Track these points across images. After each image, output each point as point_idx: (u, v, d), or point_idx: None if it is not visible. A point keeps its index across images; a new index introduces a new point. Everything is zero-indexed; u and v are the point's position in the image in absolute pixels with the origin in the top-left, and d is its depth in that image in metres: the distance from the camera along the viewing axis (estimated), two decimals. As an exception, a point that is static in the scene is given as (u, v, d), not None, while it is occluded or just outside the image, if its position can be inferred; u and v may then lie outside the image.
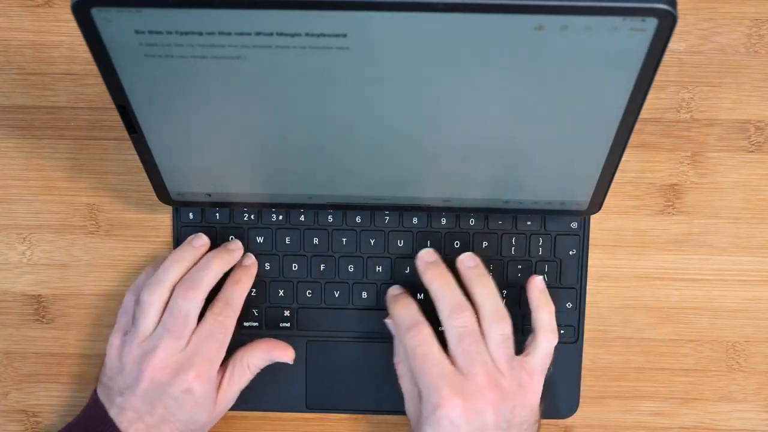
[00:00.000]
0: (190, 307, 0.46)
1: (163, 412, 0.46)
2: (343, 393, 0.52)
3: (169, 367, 0.46)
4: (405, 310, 0.48)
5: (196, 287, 0.47)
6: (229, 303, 0.48)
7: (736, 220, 0.52)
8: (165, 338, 0.46)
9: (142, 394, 0.46)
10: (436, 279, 0.47)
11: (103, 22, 0.33)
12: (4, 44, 0.51)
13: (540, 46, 0.33)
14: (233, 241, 0.50)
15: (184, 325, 0.46)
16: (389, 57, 0.34)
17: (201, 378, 0.46)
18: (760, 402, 0.53)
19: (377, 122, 0.39)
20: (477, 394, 0.44)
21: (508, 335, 0.46)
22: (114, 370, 0.47)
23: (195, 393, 0.46)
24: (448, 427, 0.44)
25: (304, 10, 0.32)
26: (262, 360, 0.50)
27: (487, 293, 0.47)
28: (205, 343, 0.46)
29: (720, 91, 0.51)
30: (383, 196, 0.47)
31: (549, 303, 0.48)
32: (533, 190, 0.46)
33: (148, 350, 0.46)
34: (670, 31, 0.32)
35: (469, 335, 0.45)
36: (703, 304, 0.52)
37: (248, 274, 0.50)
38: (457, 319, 0.45)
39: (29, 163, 0.52)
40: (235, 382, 0.49)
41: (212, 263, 0.48)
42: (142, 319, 0.47)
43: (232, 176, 0.46)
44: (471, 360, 0.45)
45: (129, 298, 0.49)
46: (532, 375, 0.46)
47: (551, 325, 0.47)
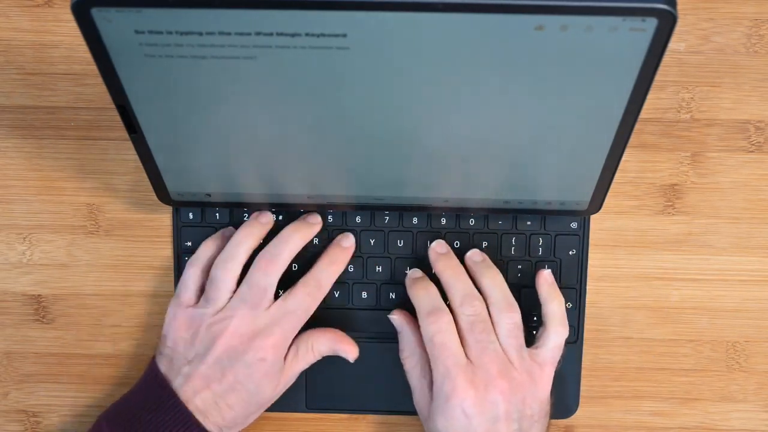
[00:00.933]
0: (269, 281, 0.46)
1: (232, 380, 0.45)
2: (343, 393, 0.52)
3: (246, 335, 0.46)
4: (426, 294, 0.48)
5: (276, 261, 0.47)
6: (320, 284, 0.48)
7: (736, 220, 0.52)
8: (241, 309, 0.46)
9: (213, 362, 0.45)
10: (448, 269, 0.48)
11: (103, 22, 0.33)
12: (4, 44, 0.51)
13: (540, 46, 0.33)
14: (312, 214, 0.50)
15: (263, 297, 0.46)
16: (389, 57, 0.34)
17: (275, 349, 0.46)
18: (760, 402, 0.53)
19: (377, 122, 0.39)
20: (489, 385, 0.45)
21: (518, 324, 0.46)
22: (180, 342, 0.47)
23: (267, 362, 0.46)
24: (461, 417, 0.44)
25: (304, 10, 0.32)
26: (327, 348, 0.49)
27: (496, 283, 0.47)
28: (287, 316, 0.46)
29: (720, 91, 0.51)
30: (383, 196, 0.47)
31: (559, 295, 0.48)
32: (533, 191, 0.46)
33: (223, 319, 0.46)
34: (670, 31, 0.32)
35: (480, 323, 0.46)
36: (703, 304, 0.52)
37: (345, 256, 0.50)
38: (468, 308, 0.46)
39: (29, 163, 0.52)
40: (299, 361, 0.48)
41: (292, 237, 0.48)
42: (216, 293, 0.46)
43: (232, 176, 0.46)
44: (482, 349, 0.45)
45: (191, 273, 0.48)
46: (542, 366, 0.46)
47: (561, 316, 0.47)
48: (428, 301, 0.47)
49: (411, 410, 0.49)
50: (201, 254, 0.49)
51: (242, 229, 0.48)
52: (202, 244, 0.50)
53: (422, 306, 0.47)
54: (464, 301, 0.46)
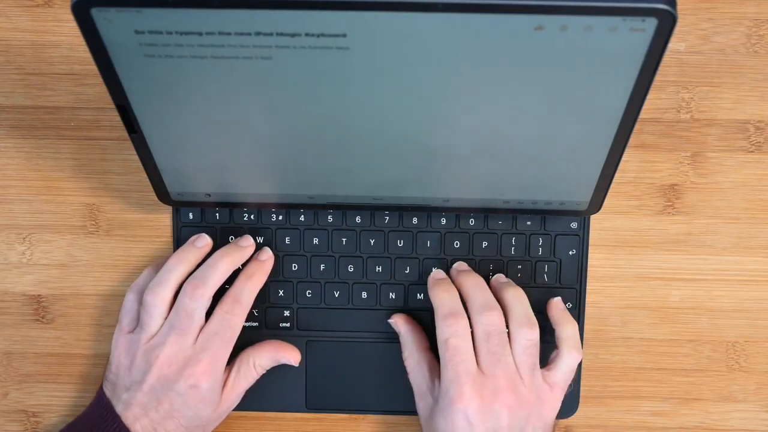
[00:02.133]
0: (196, 306, 0.46)
1: (168, 408, 0.46)
2: (343, 393, 0.52)
3: (176, 363, 0.46)
4: (447, 296, 0.47)
5: (203, 285, 0.47)
6: (238, 300, 0.48)
7: (736, 220, 0.52)
8: (171, 336, 0.46)
9: (148, 390, 0.46)
10: (470, 280, 0.48)
11: (103, 22, 0.33)
12: (4, 44, 0.51)
13: (540, 46, 0.33)
14: (244, 237, 0.50)
15: (190, 323, 0.46)
16: (389, 57, 0.34)
17: (207, 374, 0.46)
18: (760, 402, 0.53)
19: (377, 122, 0.39)
20: (495, 396, 0.44)
21: (535, 342, 0.46)
22: (120, 368, 0.47)
23: (201, 389, 0.46)
24: (463, 423, 0.44)
25: (304, 10, 0.32)
26: (268, 360, 0.50)
27: (519, 299, 0.47)
28: (212, 340, 0.46)
29: (720, 91, 0.51)
30: (383, 196, 0.47)
31: (572, 319, 0.48)
32: (533, 190, 0.46)
33: (155, 347, 0.46)
34: (670, 31, 0.32)
35: (496, 335, 0.45)
36: (703, 304, 0.52)
37: (262, 270, 0.50)
38: (487, 317, 0.46)
39: (29, 163, 0.52)
40: (241, 381, 0.49)
41: (221, 262, 0.48)
42: (148, 319, 0.47)
43: (232, 176, 0.46)
44: (495, 360, 0.45)
45: (130, 298, 0.49)
46: (553, 388, 0.46)
47: (576, 341, 0.47)
48: (449, 304, 0.47)
49: (411, 410, 0.49)
50: (141, 280, 0.50)
51: (175, 255, 0.48)
52: (144, 271, 0.50)
53: (442, 307, 0.47)
54: (484, 310, 0.46)
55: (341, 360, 0.52)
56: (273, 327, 0.52)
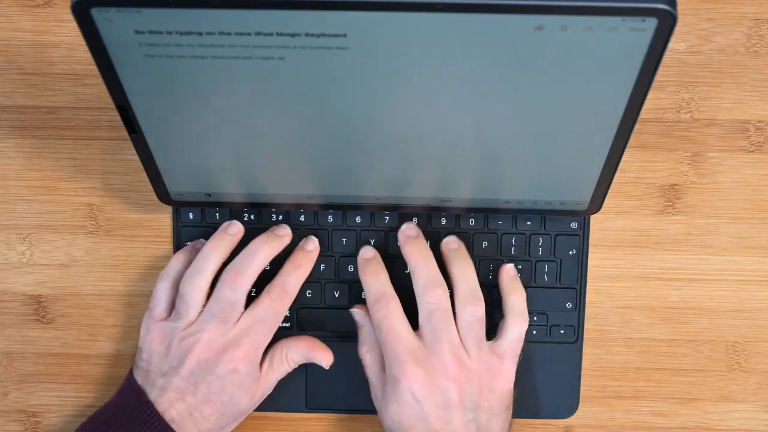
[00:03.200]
0: (237, 296, 0.46)
1: (206, 392, 0.46)
2: (343, 393, 0.52)
3: (216, 348, 0.46)
4: (375, 281, 0.48)
5: (243, 274, 0.46)
6: (286, 289, 0.48)
7: (736, 220, 0.52)
8: (211, 323, 0.46)
9: (186, 375, 0.46)
10: (415, 254, 0.47)
11: (103, 22, 0.33)
12: (4, 44, 0.51)
13: (540, 46, 0.33)
14: (281, 226, 0.50)
15: (231, 311, 0.46)
16: (389, 57, 0.34)
17: (247, 359, 0.46)
18: (760, 402, 0.53)
19: (377, 122, 0.39)
20: (440, 370, 0.44)
21: (480, 317, 0.46)
22: (153, 354, 0.47)
23: (239, 373, 0.46)
24: (411, 401, 0.44)
25: (304, 10, 0.32)
26: (301, 356, 0.49)
27: (465, 274, 0.47)
28: (255, 326, 0.46)
29: (720, 91, 0.51)
30: (383, 196, 0.47)
31: (520, 288, 0.48)
32: (533, 190, 0.46)
33: (194, 333, 0.46)
34: (670, 31, 0.32)
35: (439, 312, 0.45)
36: (703, 304, 0.52)
37: (309, 260, 0.49)
38: (430, 295, 0.46)
39: (29, 163, 0.52)
40: (274, 371, 0.48)
41: (260, 250, 0.47)
42: (186, 309, 0.47)
43: (232, 176, 0.46)
44: (438, 337, 0.45)
45: (162, 287, 0.49)
46: (501, 359, 0.46)
47: (521, 309, 0.47)
48: (377, 288, 0.47)
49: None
50: (171, 268, 0.49)
51: (210, 242, 0.48)
52: (174, 256, 0.50)
53: (370, 293, 0.47)
54: (427, 287, 0.46)
55: (341, 360, 0.52)
56: (273, 327, 0.52)
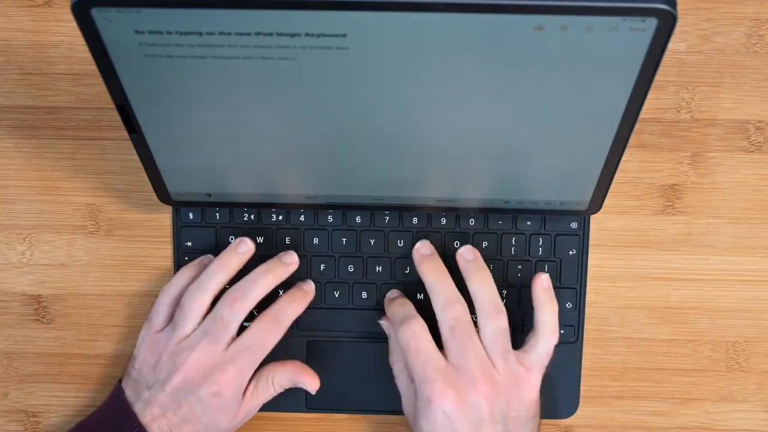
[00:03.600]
0: (233, 318, 0.46)
1: (187, 412, 0.46)
2: (343, 393, 0.52)
3: (202, 369, 0.46)
4: (399, 307, 0.48)
5: (244, 299, 0.46)
6: (279, 321, 0.48)
7: (736, 220, 0.52)
8: (203, 342, 0.46)
9: (171, 392, 0.46)
10: (431, 272, 0.48)
11: (103, 22, 0.33)
12: (4, 44, 0.51)
13: (540, 46, 0.33)
14: (288, 253, 0.50)
15: (224, 333, 0.46)
16: (389, 57, 0.34)
17: (231, 385, 0.46)
18: (760, 402, 0.53)
19: (377, 122, 0.39)
20: (470, 387, 0.44)
21: (504, 329, 0.46)
22: (145, 365, 0.47)
23: (222, 397, 0.46)
24: (443, 419, 0.44)
25: (304, 10, 0.32)
26: (287, 381, 0.49)
27: (485, 287, 0.47)
28: (243, 353, 0.46)
29: (720, 91, 0.51)
30: (383, 196, 0.47)
31: (553, 302, 0.47)
32: (533, 191, 0.46)
33: (184, 349, 0.46)
34: (670, 31, 0.32)
35: (461, 327, 0.45)
36: (703, 304, 0.52)
37: (306, 299, 0.50)
38: (449, 311, 0.46)
39: (29, 163, 0.52)
40: (258, 395, 0.49)
41: (264, 278, 0.48)
42: (183, 322, 0.47)
43: (232, 176, 0.46)
44: (463, 352, 0.45)
45: (164, 300, 0.49)
46: (529, 370, 0.46)
47: (553, 324, 0.47)
48: (401, 312, 0.48)
49: (411, 410, 0.49)
50: (175, 283, 0.49)
51: (218, 260, 0.48)
52: (179, 272, 0.50)
53: (395, 318, 0.48)
54: (446, 305, 0.46)
55: (341, 360, 0.52)
56: (273, 327, 0.52)
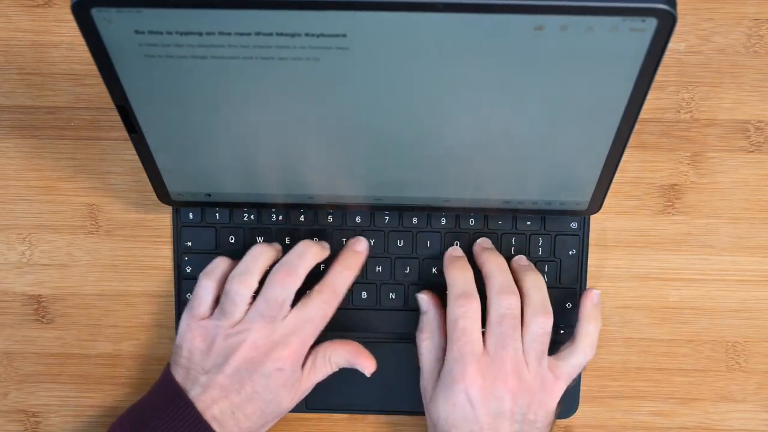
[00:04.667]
0: (287, 294, 0.46)
1: (250, 391, 0.45)
2: (343, 393, 0.52)
3: (263, 347, 0.45)
4: (462, 276, 0.47)
5: (294, 273, 0.46)
6: (335, 291, 0.47)
7: (736, 220, 0.52)
8: (258, 322, 0.45)
9: (231, 373, 0.45)
10: (493, 260, 0.48)
11: (103, 22, 0.33)
12: (4, 44, 0.51)
13: (540, 46, 0.33)
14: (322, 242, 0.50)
15: (279, 310, 0.46)
16: (389, 57, 0.34)
17: (292, 358, 0.46)
18: (760, 402, 0.53)
19: (377, 122, 0.39)
20: (499, 379, 0.45)
21: (547, 332, 0.46)
22: (195, 352, 0.46)
23: (285, 372, 0.46)
24: (464, 402, 0.44)
25: (304, 10, 0.32)
26: (344, 360, 0.49)
27: (538, 287, 0.47)
28: (304, 325, 0.46)
29: (720, 91, 0.51)
30: (383, 196, 0.47)
31: (599, 319, 0.48)
32: (533, 191, 0.46)
33: (240, 332, 0.46)
34: (670, 31, 0.32)
35: (510, 318, 0.45)
36: (703, 304, 0.52)
37: (359, 260, 0.49)
38: (505, 299, 0.46)
39: (29, 163, 0.52)
40: (316, 372, 0.48)
41: (309, 251, 0.47)
42: (233, 308, 0.46)
43: (232, 176, 0.46)
44: (504, 344, 0.45)
45: (206, 284, 0.48)
46: (557, 379, 0.46)
47: (593, 339, 0.47)
48: (462, 283, 0.47)
49: (411, 410, 0.49)
50: (216, 267, 0.48)
51: (256, 246, 0.48)
52: (217, 258, 0.49)
53: (455, 286, 0.47)
54: (503, 291, 0.46)
55: (341, 360, 0.52)
56: (273, 327, 0.52)
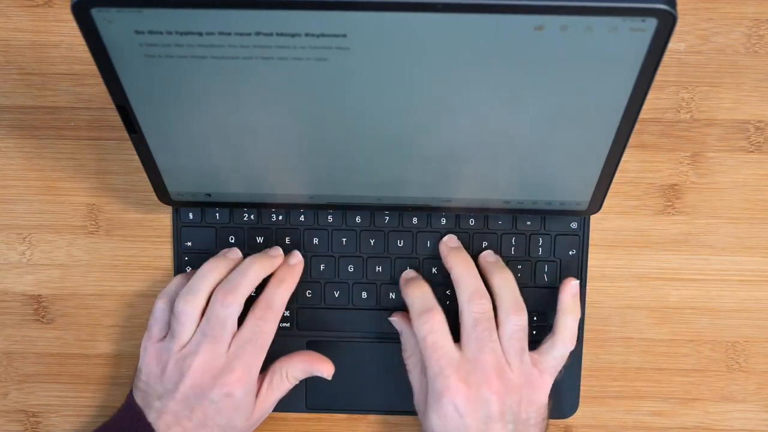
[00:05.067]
0: (228, 313, 0.46)
1: (201, 417, 0.45)
2: (343, 393, 0.52)
3: (209, 372, 0.46)
4: (419, 293, 0.48)
5: (234, 292, 0.46)
6: (270, 306, 0.47)
7: (736, 220, 0.52)
8: (204, 344, 0.46)
9: (181, 399, 0.45)
10: (459, 263, 0.48)
11: (103, 22, 0.33)
12: (4, 44, 0.51)
13: (540, 46, 0.33)
14: (274, 248, 0.50)
15: (222, 330, 0.46)
16: (389, 57, 0.34)
17: (241, 382, 0.46)
18: (760, 402, 0.53)
19: (377, 122, 0.39)
20: (482, 382, 0.45)
21: (524, 327, 0.46)
22: (151, 376, 0.47)
23: (234, 397, 0.46)
24: (453, 414, 0.44)
25: (304, 10, 0.32)
26: (301, 372, 0.49)
27: (508, 284, 0.47)
28: (244, 347, 0.46)
29: (720, 91, 0.51)
30: (383, 196, 0.47)
31: (577, 310, 0.48)
32: (533, 190, 0.46)
33: (188, 355, 0.46)
34: (670, 31, 0.32)
35: (484, 321, 0.45)
36: (703, 304, 0.52)
37: (293, 274, 0.49)
38: (476, 305, 0.46)
39: (29, 163, 0.52)
40: (274, 391, 0.48)
41: (251, 268, 0.47)
42: (180, 328, 0.46)
43: (232, 176, 0.46)
44: (481, 347, 0.45)
45: (160, 306, 0.48)
46: (542, 373, 0.46)
47: (573, 331, 0.47)
48: (421, 301, 0.47)
49: (411, 410, 0.49)
50: (171, 287, 0.49)
51: (207, 263, 0.48)
52: (174, 278, 0.50)
53: (415, 306, 0.47)
54: (473, 297, 0.46)
55: (341, 360, 0.52)
56: (273, 327, 0.52)
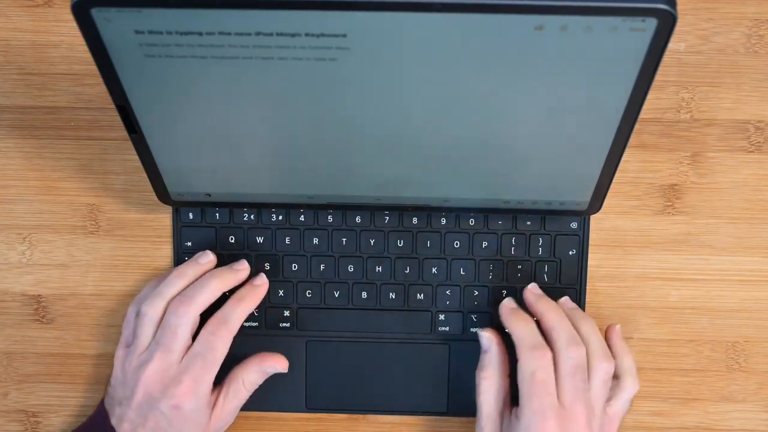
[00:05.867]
0: (180, 323, 0.46)
1: (153, 426, 0.46)
2: (343, 393, 0.52)
3: (160, 382, 0.46)
4: (529, 328, 0.47)
5: (189, 303, 0.46)
6: (225, 322, 0.47)
7: (736, 220, 0.52)
8: (157, 352, 0.46)
9: (136, 407, 0.46)
10: (551, 311, 0.47)
11: (103, 22, 0.33)
12: (4, 44, 0.51)
13: (540, 46, 0.33)
14: (240, 261, 0.50)
15: (173, 340, 0.46)
16: (389, 57, 0.34)
17: (189, 395, 0.46)
18: (760, 402, 0.53)
19: (377, 122, 0.39)
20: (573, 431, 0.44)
21: (611, 375, 0.47)
22: (116, 380, 0.47)
23: (183, 410, 0.46)
24: None
25: (304, 10, 0.32)
26: (256, 375, 0.49)
27: (595, 332, 0.47)
28: (194, 361, 0.46)
29: (720, 91, 0.51)
30: (383, 196, 0.47)
31: (629, 349, 0.49)
32: (533, 190, 0.46)
33: (143, 362, 0.46)
34: (670, 31, 0.32)
35: (582, 370, 0.45)
36: (703, 304, 0.52)
37: (255, 294, 0.49)
38: (574, 351, 0.45)
39: (29, 163, 0.52)
40: (231, 400, 0.48)
41: (210, 282, 0.47)
42: (140, 331, 0.47)
43: (232, 176, 0.46)
44: (577, 397, 0.45)
45: (131, 311, 0.49)
46: (612, 420, 0.47)
47: (634, 372, 0.48)
48: (533, 336, 0.46)
49: (411, 410, 0.49)
50: (142, 294, 0.49)
51: (177, 269, 0.48)
52: (147, 284, 0.50)
53: (526, 339, 0.46)
54: (570, 343, 0.45)
55: (341, 360, 0.52)
56: (273, 327, 0.52)
